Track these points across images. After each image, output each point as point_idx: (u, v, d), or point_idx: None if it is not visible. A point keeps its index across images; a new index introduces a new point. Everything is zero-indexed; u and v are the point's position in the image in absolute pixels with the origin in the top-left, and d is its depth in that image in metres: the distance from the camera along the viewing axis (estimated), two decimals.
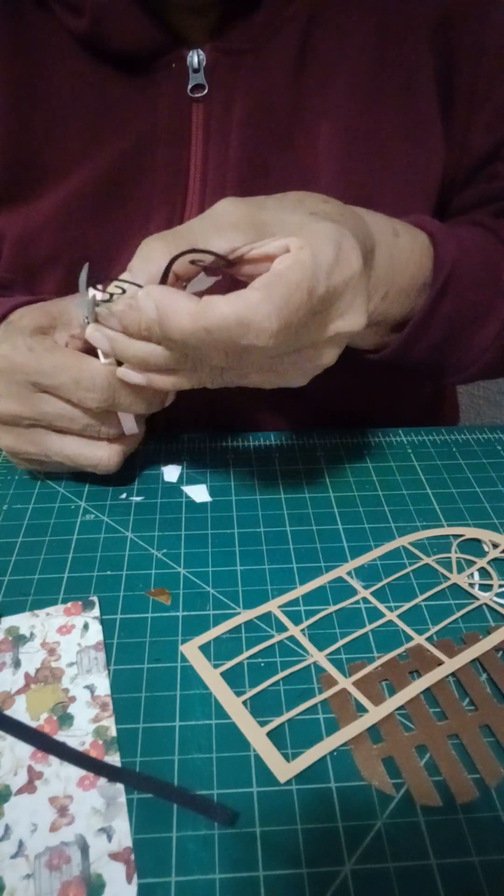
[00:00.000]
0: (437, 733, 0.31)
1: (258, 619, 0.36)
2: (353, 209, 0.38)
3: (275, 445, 0.50)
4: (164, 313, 0.31)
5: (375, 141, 0.46)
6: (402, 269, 0.41)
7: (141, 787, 0.28)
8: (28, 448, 0.41)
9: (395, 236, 0.40)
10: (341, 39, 0.45)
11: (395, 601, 0.37)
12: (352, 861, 0.26)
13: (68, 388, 0.37)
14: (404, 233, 0.41)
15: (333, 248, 0.31)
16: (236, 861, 0.26)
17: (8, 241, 0.48)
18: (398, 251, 0.40)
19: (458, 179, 0.51)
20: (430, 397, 0.65)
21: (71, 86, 0.44)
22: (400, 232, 0.41)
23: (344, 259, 0.32)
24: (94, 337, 0.36)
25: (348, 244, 0.32)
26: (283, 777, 0.29)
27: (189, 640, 0.35)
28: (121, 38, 0.42)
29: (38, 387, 0.38)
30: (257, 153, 0.46)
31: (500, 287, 0.46)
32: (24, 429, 0.41)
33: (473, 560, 0.40)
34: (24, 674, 0.33)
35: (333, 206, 0.36)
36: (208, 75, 0.44)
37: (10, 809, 0.28)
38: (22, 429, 0.41)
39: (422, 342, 0.44)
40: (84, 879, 0.26)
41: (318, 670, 0.33)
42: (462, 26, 0.46)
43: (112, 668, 0.33)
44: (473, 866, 0.26)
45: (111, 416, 0.40)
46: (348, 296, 0.33)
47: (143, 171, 0.46)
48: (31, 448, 0.41)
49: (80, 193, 0.46)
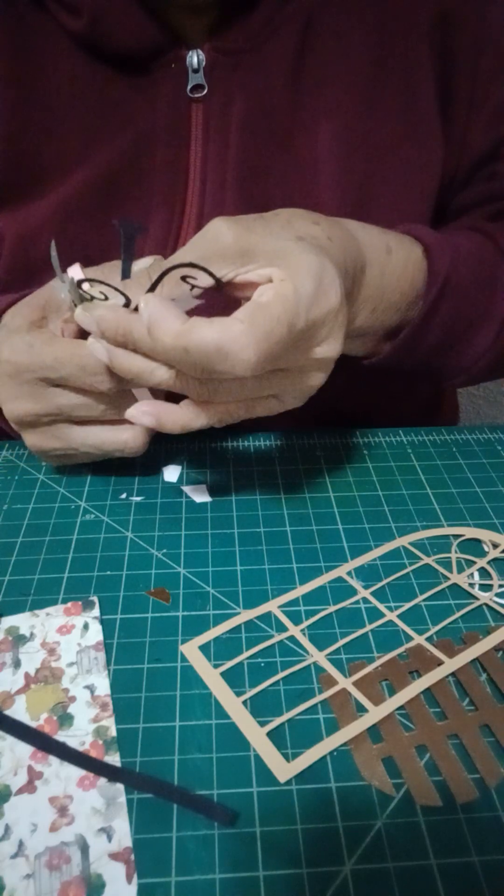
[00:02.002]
0: (437, 733, 0.31)
1: (258, 619, 0.36)
2: (346, 227, 0.38)
3: (275, 445, 0.50)
4: (151, 326, 0.31)
5: (374, 140, 0.46)
6: (392, 287, 0.41)
7: (141, 787, 0.28)
8: (54, 444, 0.41)
9: (387, 254, 0.41)
10: (340, 39, 0.45)
11: (395, 601, 0.37)
12: (352, 861, 0.26)
13: (76, 376, 0.37)
14: (398, 249, 0.41)
15: (313, 282, 0.32)
16: (236, 861, 0.26)
17: (7, 242, 0.48)
18: (390, 269, 0.41)
19: (457, 179, 0.51)
20: (429, 397, 0.65)
21: (70, 86, 0.44)
22: (393, 249, 0.41)
23: (323, 293, 0.32)
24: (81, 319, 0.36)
25: (328, 278, 0.32)
26: (283, 777, 0.29)
27: (189, 640, 0.35)
28: (120, 38, 0.42)
29: (48, 382, 0.38)
30: (256, 153, 0.46)
31: (495, 295, 0.46)
32: (45, 426, 0.41)
33: (473, 560, 0.40)
34: (24, 674, 0.33)
35: (323, 227, 0.36)
36: (207, 75, 0.44)
37: (10, 809, 0.28)
38: (44, 426, 0.41)
39: (414, 351, 0.44)
40: (84, 879, 0.26)
41: (318, 670, 0.33)
42: (461, 25, 0.46)
43: (112, 668, 0.33)
44: (473, 866, 0.26)
45: (126, 395, 0.40)
46: (326, 327, 0.33)
47: (143, 172, 0.46)
48: (57, 443, 0.41)
49: (79, 194, 0.46)
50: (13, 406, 0.39)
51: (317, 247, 0.34)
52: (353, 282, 0.38)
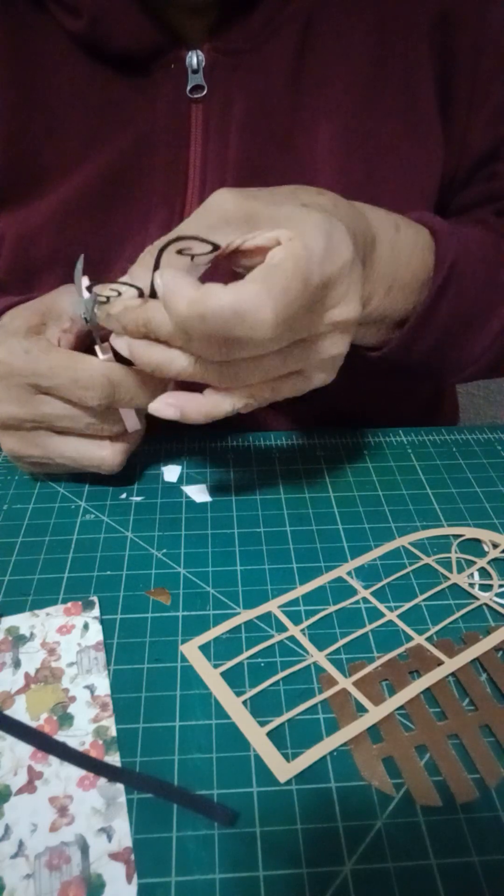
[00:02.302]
0: (437, 733, 0.31)
1: (258, 619, 0.36)
2: (353, 204, 0.38)
3: (275, 445, 0.50)
4: (166, 297, 0.31)
5: (374, 141, 0.46)
6: (404, 264, 0.41)
7: (141, 787, 0.28)
8: (31, 451, 0.41)
9: (396, 231, 0.40)
10: (340, 39, 0.45)
11: (395, 601, 0.37)
12: (352, 861, 0.26)
13: (67, 387, 0.37)
14: (406, 227, 0.41)
15: (324, 237, 0.31)
16: (236, 861, 0.26)
17: (7, 242, 0.48)
18: (400, 245, 0.40)
19: (457, 179, 0.51)
20: (429, 397, 0.65)
21: (70, 86, 0.44)
22: (401, 226, 0.41)
23: (334, 248, 0.32)
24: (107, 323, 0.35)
25: (338, 233, 0.32)
26: (283, 777, 0.29)
27: (189, 640, 0.35)
28: (119, 39, 0.42)
29: (38, 389, 0.38)
30: (256, 153, 0.46)
31: (500, 286, 0.46)
32: (26, 432, 0.41)
33: (473, 560, 0.40)
34: (24, 674, 0.33)
35: (328, 198, 0.36)
36: (207, 76, 0.44)
37: (10, 809, 0.28)
38: (24, 432, 0.41)
39: (423, 339, 0.44)
40: (84, 879, 0.26)
41: (318, 670, 0.33)
42: (461, 25, 0.46)
43: (112, 668, 0.33)
44: (473, 866, 0.26)
45: (113, 413, 0.40)
46: (342, 285, 0.33)
47: (143, 172, 0.46)
48: (35, 451, 0.41)
49: (79, 194, 0.46)
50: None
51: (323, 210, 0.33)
52: (364, 253, 0.37)
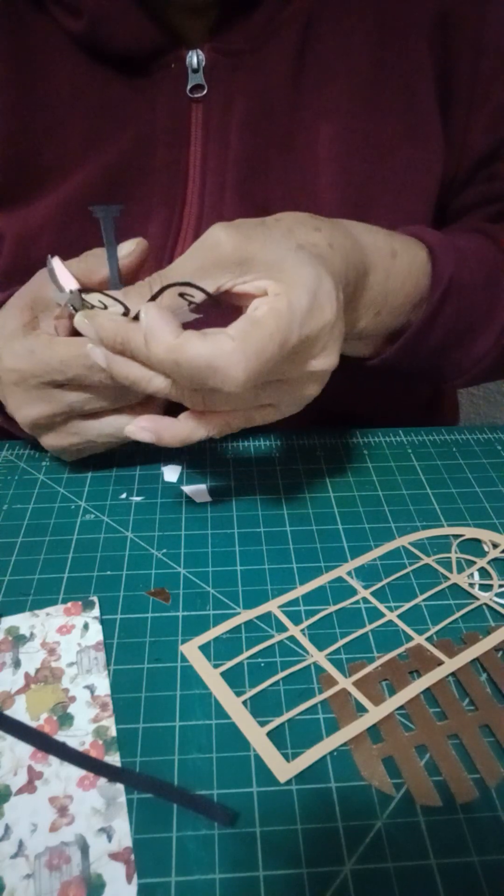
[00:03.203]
0: (437, 733, 0.31)
1: (258, 619, 0.36)
2: (350, 231, 0.38)
3: (275, 445, 0.50)
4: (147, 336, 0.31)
5: (375, 141, 0.46)
6: (397, 290, 0.41)
7: (141, 787, 0.28)
8: (72, 440, 0.42)
9: (392, 258, 0.40)
10: (340, 40, 0.45)
11: (395, 601, 0.37)
12: (352, 861, 0.26)
13: (84, 376, 0.37)
14: (403, 252, 0.41)
15: (308, 297, 0.32)
16: (236, 861, 0.26)
17: (7, 242, 0.48)
18: (395, 272, 0.41)
19: (457, 179, 0.51)
20: (429, 397, 0.65)
21: (70, 87, 0.44)
22: (398, 252, 0.41)
23: (318, 308, 0.32)
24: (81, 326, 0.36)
25: (325, 291, 0.32)
26: (283, 777, 0.29)
27: (189, 640, 0.35)
28: (119, 39, 0.42)
29: (55, 383, 0.38)
30: (257, 153, 0.46)
31: (498, 297, 0.46)
32: (60, 425, 0.41)
33: (473, 560, 0.40)
34: (24, 674, 0.33)
35: (325, 234, 0.36)
36: (207, 76, 0.44)
37: (10, 809, 0.28)
38: (59, 426, 0.41)
39: (417, 352, 0.44)
40: (84, 879, 0.26)
41: (318, 670, 0.33)
42: (461, 26, 0.46)
43: (112, 668, 0.33)
44: (473, 866, 0.26)
45: None
46: (322, 341, 0.33)
47: (143, 172, 0.46)
48: (75, 440, 0.42)
49: (79, 194, 0.46)
50: (26, 412, 0.40)
51: (317, 256, 0.33)
52: (354, 288, 0.38)
